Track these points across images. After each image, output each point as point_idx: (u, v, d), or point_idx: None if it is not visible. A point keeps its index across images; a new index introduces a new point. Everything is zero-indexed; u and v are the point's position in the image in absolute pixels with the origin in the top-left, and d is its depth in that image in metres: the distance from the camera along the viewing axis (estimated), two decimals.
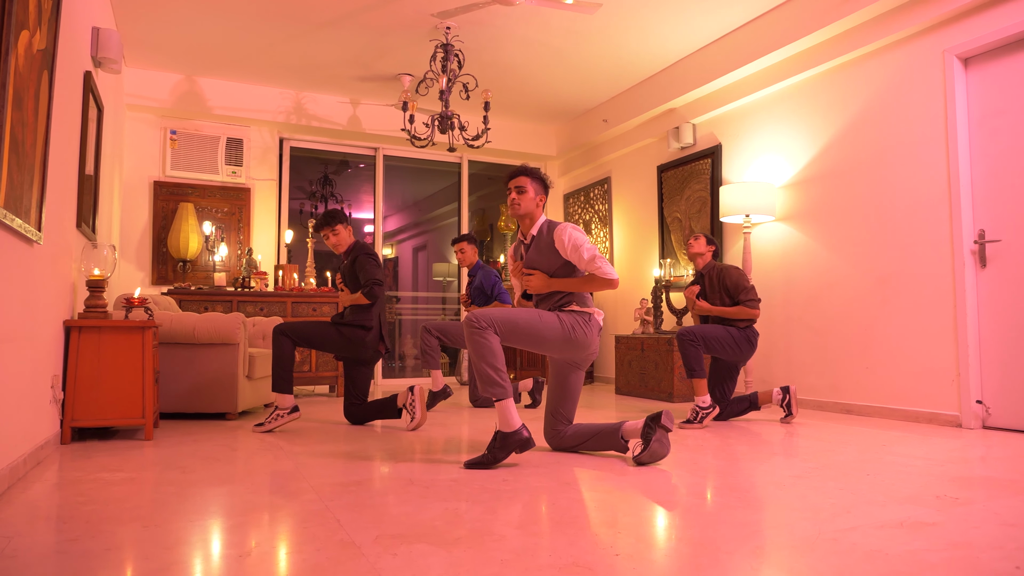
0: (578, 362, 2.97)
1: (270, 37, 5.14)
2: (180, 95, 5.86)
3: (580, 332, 2.85)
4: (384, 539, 1.72)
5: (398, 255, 9.22)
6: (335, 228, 3.92)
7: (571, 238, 2.84)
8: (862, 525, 1.86)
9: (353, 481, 2.43)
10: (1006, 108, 3.63)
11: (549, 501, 2.15)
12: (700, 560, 1.58)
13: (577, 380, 3.02)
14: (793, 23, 4.50)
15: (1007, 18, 3.56)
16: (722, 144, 5.50)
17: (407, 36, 5.13)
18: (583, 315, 2.88)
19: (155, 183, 5.88)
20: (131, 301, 3.67)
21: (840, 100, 4.48)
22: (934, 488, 2.31)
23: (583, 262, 2.84)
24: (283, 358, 3.69)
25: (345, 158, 7.24)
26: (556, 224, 2.95)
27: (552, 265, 2.93)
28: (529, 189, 2.99)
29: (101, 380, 3.33)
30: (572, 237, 2.84)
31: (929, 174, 3.92)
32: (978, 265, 3.72)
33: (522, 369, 6.86)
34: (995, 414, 3.63)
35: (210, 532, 1.82)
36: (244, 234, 6.19)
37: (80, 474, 2.55)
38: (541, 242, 2.96)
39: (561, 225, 2.91)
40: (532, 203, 3.00)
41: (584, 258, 2.82)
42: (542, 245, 2.95)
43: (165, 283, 5.82)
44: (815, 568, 1.53)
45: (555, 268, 2.93)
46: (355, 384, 3.96)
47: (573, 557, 1.59)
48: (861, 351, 4.29)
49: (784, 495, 2.23)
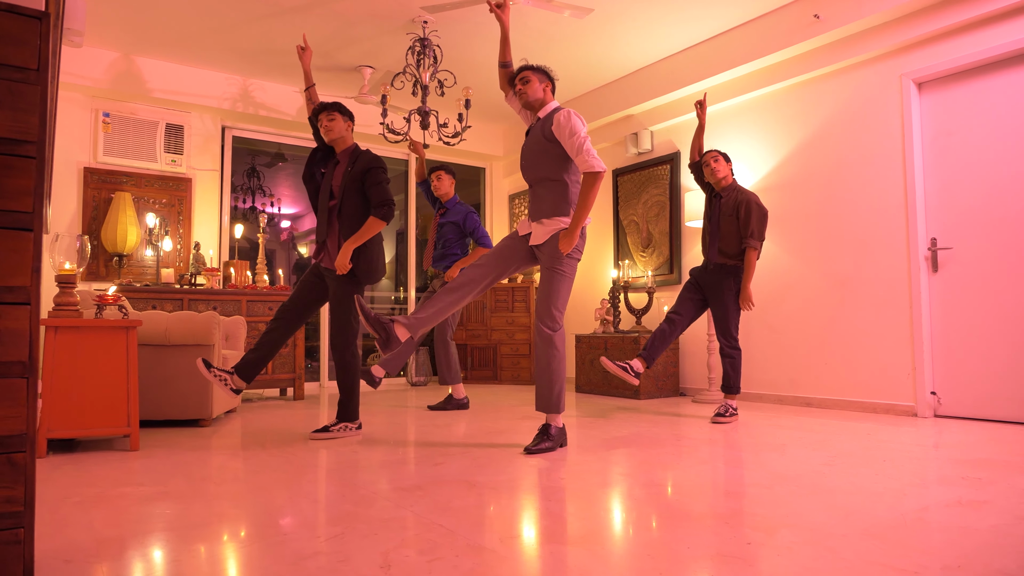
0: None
1: (225, 18, 4.82)
2: (116, 75, 5.37)
3: (582, 243, 3.07)
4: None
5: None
6: (332, 114, 3.46)
7: (567, 121, 2.96)
8: (930, 506, 2.04)
9: (416, 485, 2.36)
10: (956, 129, 4.06)
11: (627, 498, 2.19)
12: (831, 543, 1.68)
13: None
14: (758, 41, 4.79)
15: (959, 50, 3.98)
16: (680, 151, 5.74)
17: (377, 27, 4.98)
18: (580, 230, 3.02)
19: (85, 169, 5.35)
20: (103, 299, 3.35)
21: (803, 114, 4.82)
22: (949, 470, 2.55)
23: (572, 149, 2.96)
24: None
25: (293, 151, 6.90)
26: (560, 108, 3.06)
27: (545, 154, 3.04)
28: (533, 79, 3.12)
29: (80, 386, 3.01)
30: (571, 121, 2.96)
31: (886, 186, 4.31)
32: (930, 270, 4.13)
33: (474, 369, 6.84)
34: (945, 404, 4.04)
35: (346, 542, 1.71)
36: (185, 227, 5.76)
37: (95, 489, 2.30)
38: (545, 125, 3.06)
39: (563, 110, 3.02)
40: (539, 91, 3.13)
41: (574, 145, 2.94)
42: (545, 129, 3.05)
43: (97, 279, 5.32)
44: (930, 546, 1.66)
45: (547, 157, 3.04)
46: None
47: (715, 548, 1.64)
48: (820, 348, 4.64)
49: (833, 483, 2.38)
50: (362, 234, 3.34)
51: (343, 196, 3.41)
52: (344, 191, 3.40)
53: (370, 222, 3.35)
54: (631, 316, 5.99)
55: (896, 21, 4.17)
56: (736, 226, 4.01)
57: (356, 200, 3.40)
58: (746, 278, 3.96)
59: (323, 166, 3.59)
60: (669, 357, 5.49)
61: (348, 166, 3.44)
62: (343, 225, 3.40)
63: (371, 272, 3.43)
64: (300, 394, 5.47)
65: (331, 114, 3.47)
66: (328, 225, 3.47)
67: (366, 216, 3.41)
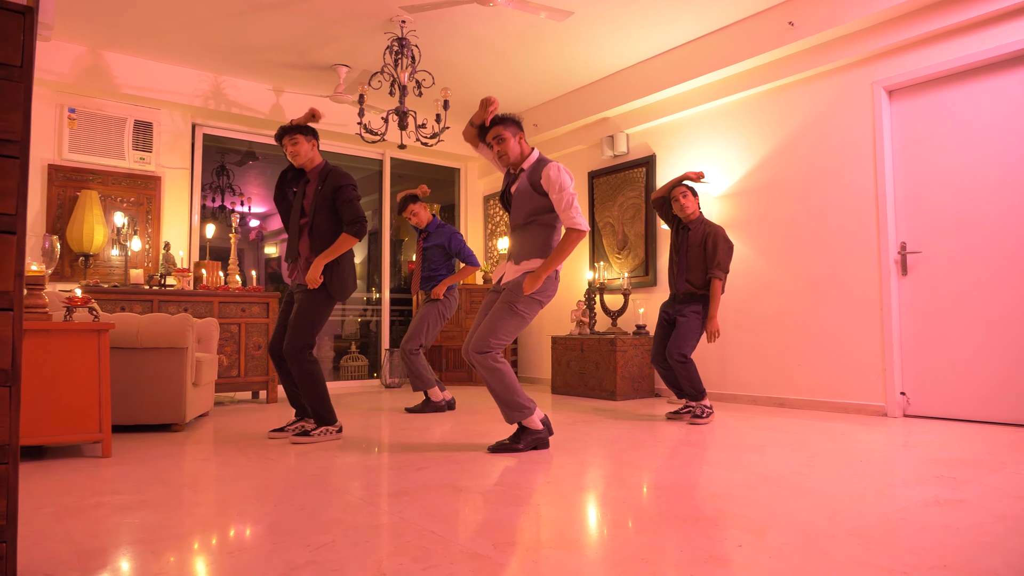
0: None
1: (198, 14, 4.72)
2: (83, 70, 5.21)
3: (551, 290, 3.08)
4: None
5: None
6: (295, 138, 3.42)
7: (557, 177, 2.98)
8: (910, 505, 2.09)
9: (401, 490, 2.33)
10: (925, 137, 4.17)
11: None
12: (820, 544, 1.70)
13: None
14: (733, 46, 4.86)
15: (928, 59, 4.09)
16: (656, 155, 5.80)
17: (355, 26, 4.93)
18: (551, 275, 3.05)
19: (50, 167, 5.19)
20: (73, 301, 3.24)
21: (776, 119, 4.90)
22: (924, 470, 2.62)
23: (559, 204, 2.98)
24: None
25: (264, 150, 6.78)
26: (547, 162, 3.06)
27: (532, 203, 3.06)
28: (508, 137, 3.12)
29: (50, 391, 2.92)
30: (560, 177, 2.98)
31: (858, 191, 4.40)
32: (900, 273, 4.23)
33: (448, 370, 6.81)
34: (914, 404, 4.14)
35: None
36: (154, 227, 5.63)
37: (70, 499, 2.23)
38: (533, 176, 3.06)
39: (552, 163, 3.03)
40: (516, 148, 3.13)
41: (562, 201, 2.97)
42: (533, 181, 3.05)
43: (62, 280, 5.15)
44: (916, 545, 1.70)
45: (534, 206, 3.06)
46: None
47: (707, 551, 1.65)
48: (793, 349, 4.72)
49: (815, 483, 2.43)
50: (334, 250, 3.36)
51: (314, 214, 3.42)
52: (315, 209, 3.42)
53: (342, 238, 3.37)
54: (607, 318, 6.02)
55: (868, 30, 4.27)
56: (703, 257, 4.08)
57: (327, 217, 3.42)
58: (712, 308, 4.03)
59: (294, 185, 3.60)
60: (644, 359, 5.53)
61: (319, 184, 3.45)
62: (315, 242, 3.43)
63: (342, 288, 3.45)
64: (273, 397, 5.38)
65: (293, 138, 3.45)
66: (300, 243, 3.49)
67: (337, 233, 3.42)
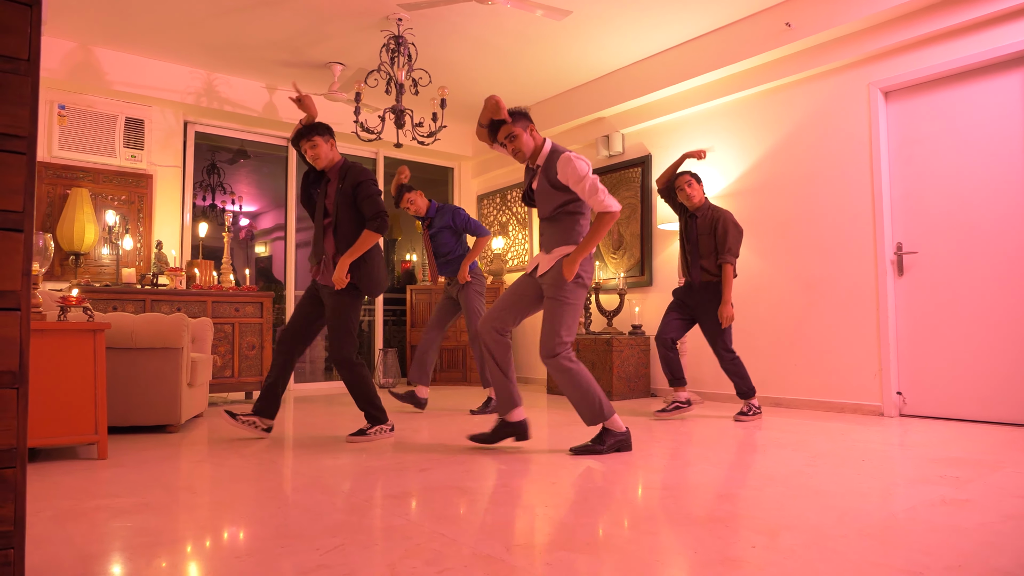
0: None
1: (191, 11, 4.67)
2: (73, 66, 5.14)
3: (590, 270, 3.04)
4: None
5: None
6: (313, 140, 3.41)
7: (571, 170, 2.93)
8: (916, 505, 2.09)
9: (406, 492, 2.31)
10: (921, 138, 4.19)
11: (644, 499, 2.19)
12: (832, 545, 1.70)
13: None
14: (730, 47, 4.87)
15: (924, 61, 4.11)
16: (652, 155, 5.80)
17: (351, 24, 4.89)
18: (585, 259, 3.00)
19: (39, 163, 5.11)
20: (67, 300, 3.19)
21: (773, 120, 4.92)
22: (927, 469, 2.63)
23: (584, 193, 2.95)
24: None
25: (256, 148, 6.72)
26: (559, 155, 3.02)
27: (554, 199, 3.03)
28: (519, 133, 3.05)
29: (44, 392, 2.87)
30: (572, 168, 2.93)
31: (854, 191, 4.42)
32: (896, 273, 4.26)
33: (443, 371, 6.78)
34: (910, 403, 4.17)
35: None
36: (145, 225, 5.56)
37: (68, 502, 2.19)
38: (548, 172, 3.03)
39: (562, 155, 2.98)
40: (529, 142, 3.07)
41: (585, 188, 2.93)
42: (549, 176, 3.02)
43: (52, 279, 5.08)
44: (927, 546, 1.70)
45: (556, 201, 3.03)
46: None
47: (721, 552, 1.65)
48: (789, 349, 4.74)
49: (820, 483, 2.43)
50: (357, 248, 3.34)
51: (337, 212, 3.42)
52: (337, 208, 3.41)
53: (365, 235, 3.35)
54: (602, 317, 6.02)
55: (865, 31, 4.29)
56: (713, 243, 4.07)
57: (350, 215, 3.41)
58: (726, 293, 4.00)
59: (317, 186, 3.58)
60: (640, 359, 5.54)
61: (339, 183, 3.43)
62: (339, 241, 3.41)
63: (372, 284, 3.43)
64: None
65: (311, 140, 3.43)
66: (325, 242, 3.47)
67: (361, 230, 3.41)
